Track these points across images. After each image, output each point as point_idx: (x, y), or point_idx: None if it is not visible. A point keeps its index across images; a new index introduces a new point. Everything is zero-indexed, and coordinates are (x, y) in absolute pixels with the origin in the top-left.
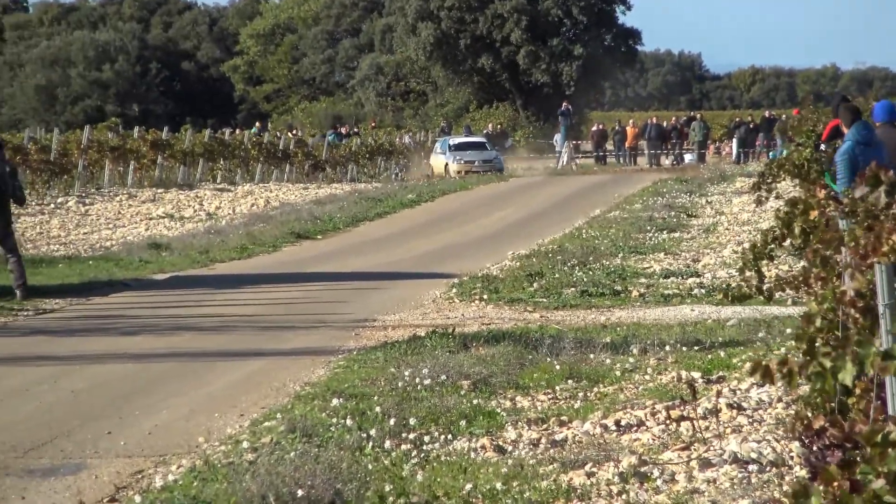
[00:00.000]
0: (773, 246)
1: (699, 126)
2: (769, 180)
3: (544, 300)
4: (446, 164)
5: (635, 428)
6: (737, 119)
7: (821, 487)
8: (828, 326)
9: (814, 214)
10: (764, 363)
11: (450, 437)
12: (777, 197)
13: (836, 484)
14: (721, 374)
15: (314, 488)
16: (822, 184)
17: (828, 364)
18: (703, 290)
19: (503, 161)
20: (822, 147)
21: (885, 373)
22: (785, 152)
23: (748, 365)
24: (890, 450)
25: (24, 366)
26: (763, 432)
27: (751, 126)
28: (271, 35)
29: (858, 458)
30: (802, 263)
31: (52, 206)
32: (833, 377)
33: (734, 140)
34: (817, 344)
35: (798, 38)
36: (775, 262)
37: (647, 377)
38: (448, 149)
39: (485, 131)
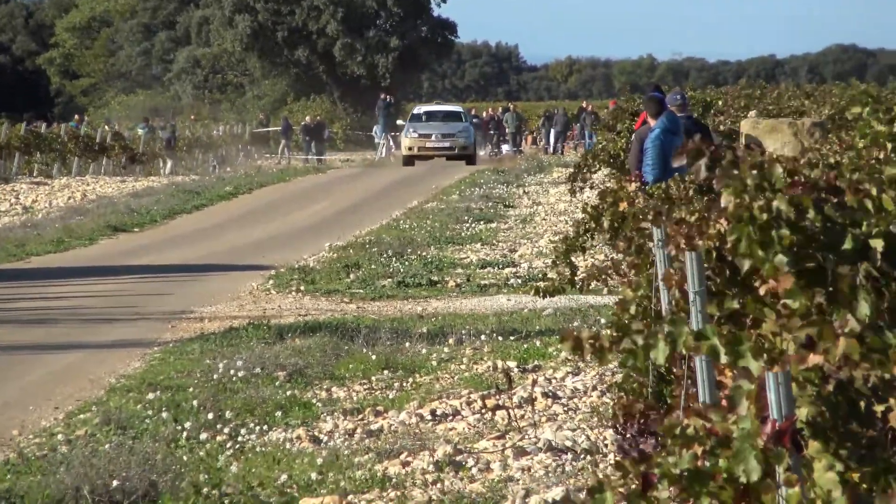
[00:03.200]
0: (585, 238)
1: (512, 117)
2: (585, 171)
3: (361, 291)
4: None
5: (451, 417)
6: (552, 110)
7: (620, 481)
8: (642, 313)
9: (623, 206)
10: (575, 334)
11: (265, 428)
12: (592, 187)
13: (630, 478)
14: (537, 363)
15: (129, 480)
16: (636, 175)
17: (640, 341)
18: (519, 280)
19: (474, 137)
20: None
21: (697, 352)
22: (596, 141)
23: (561, 336)
24: (685, 448)
25: None
26: (578, 421)
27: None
28: (87, 28)
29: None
30: (615, 254)
31: None
32: (645, 355)
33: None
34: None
35: (615, 29)
36: (590, 252)
37: (463, 367)
38: (410, 119)
39: (303, 123)
